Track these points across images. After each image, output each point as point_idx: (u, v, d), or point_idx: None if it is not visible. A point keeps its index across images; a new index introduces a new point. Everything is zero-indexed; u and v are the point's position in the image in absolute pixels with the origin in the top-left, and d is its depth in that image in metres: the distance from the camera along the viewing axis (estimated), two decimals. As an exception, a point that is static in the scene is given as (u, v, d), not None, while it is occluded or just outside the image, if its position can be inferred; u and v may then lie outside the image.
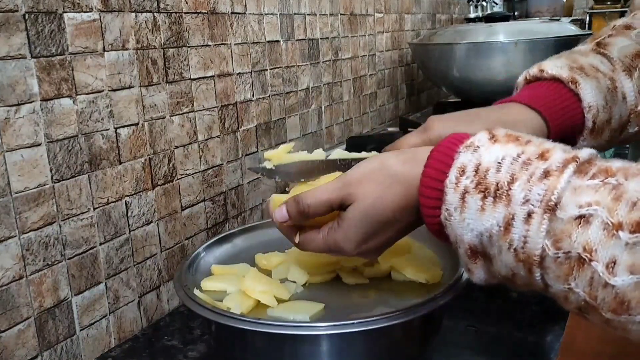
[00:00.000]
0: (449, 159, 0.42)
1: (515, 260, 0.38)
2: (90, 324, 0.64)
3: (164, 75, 0.72)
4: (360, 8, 1.27)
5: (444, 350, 0.60)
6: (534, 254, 0.37)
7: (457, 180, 0.41)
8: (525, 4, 2.28)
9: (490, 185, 0.39)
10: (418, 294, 0.56)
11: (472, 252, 0.41)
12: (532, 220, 0.36)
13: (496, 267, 0.40)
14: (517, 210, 0.37)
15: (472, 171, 0.40)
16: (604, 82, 0.57)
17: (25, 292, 0.56)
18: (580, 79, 0.56)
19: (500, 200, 0.38)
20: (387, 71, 1.47)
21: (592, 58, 0.59)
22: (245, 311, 0.55)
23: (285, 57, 0.99)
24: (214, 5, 0.80)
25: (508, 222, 0.38)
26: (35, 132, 0.56)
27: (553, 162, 0.38)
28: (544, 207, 0.36)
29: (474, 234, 0.40)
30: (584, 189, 0.36)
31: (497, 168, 0.39)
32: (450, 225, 0.42)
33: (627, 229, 0.33)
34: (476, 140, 0.42)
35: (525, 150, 0.40)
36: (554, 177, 0.37)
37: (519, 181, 0.38)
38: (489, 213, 0.39)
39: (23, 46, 0.55)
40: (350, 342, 0.51)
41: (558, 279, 0.36)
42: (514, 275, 0.39)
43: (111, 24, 0.64)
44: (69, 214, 0.60)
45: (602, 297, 0.34)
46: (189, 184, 0.78)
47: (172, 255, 0.75)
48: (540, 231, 0.36)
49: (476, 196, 0.39)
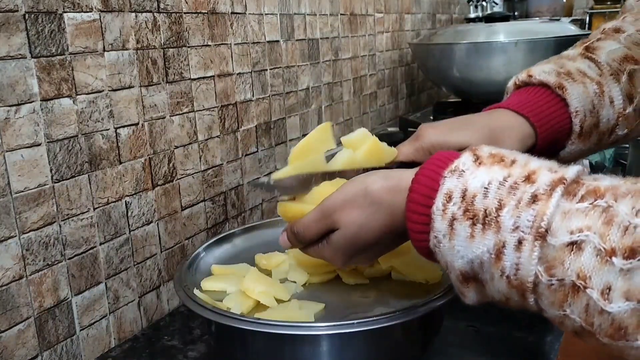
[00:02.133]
0: (434, 183, 0.42)
1: (508, 287, 0.38)
2: (90, 324, 0.64)
3: (164, 75, 0.72)
4: (360, 8, 1.27)
5: (444, 350, 0.60)
6: (527, 281, 0.36)
7: (444, 207, 0.40)
8: (525, 4, 2.28)
9: (478, 211, 0.38)
10: (418, 294, 0.56)
11: (463, 278, 0.41)
12: (523, 247, 0.36)
13: (489, 292, 0.40)
14: (507, 238, 0.37)
15: (459, 197, 0.40)
16: (591, 87, 0.57)
17: (25, 292, 0.56)
18: (567, 84, 0.57)
19: (489, 227, 0.38)
20: (387, 71, 1.47)
21: (579, 63, 0.59)
22: (245, 311, 0.55)
23: (285, 57, 0.99)
24: (214, 5, 0.80)
25: (499, 249, 0.37)
26: (35, 132, 0.56)
27: (540, 185, 0.37)
28: (534, 233, 0.36)
29: (465, 260, 0.40)
30: (574, 212, 0.35)
31: (484, 194, 0.39)
32: (440, 252, 0.41)
33: (620, 255, 0.33)
34: (460, 164, 0.41)
35: (511, 172, 0.39)
36: (542, 202, 0.36)
37: (507, 207, 0.37)
38: (478, 240, 0.38)
39: (23, 46, 0.55)
40: (350, 342, 0.51)
41: (552, 305, 0.36)
42: (508, 300, 0.39)
43: (111, 24, 0.64)
44: (69, 214, 0.60)
45: (598, 323, 0.34)
46: (189, 184, 0.78)
47: (172, 255, 0.75)
48: (532, 258, 0.36)
49: (464, 223, 0.39)
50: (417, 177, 0.43)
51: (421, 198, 0.42)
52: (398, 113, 1.56)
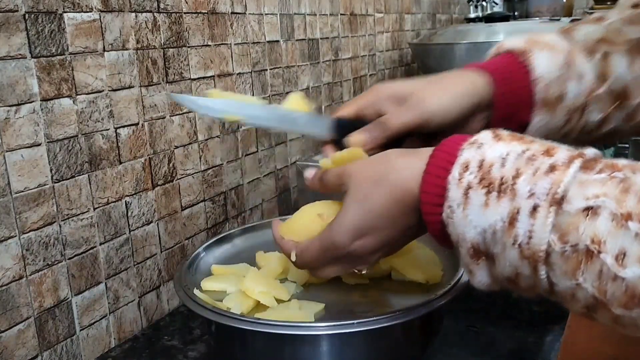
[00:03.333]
0: (451, 157, 0.42)
1: (519, 257, 0.37)
2: (90, 324, 0.64)
3: (164, 75, 0.72)
4: (360, 8, 1.27)
5: (444, 350, 0.60)
6: (539, 249, 0.36)
7: (460, 176, 0.40)
8: (525, 4, 2.28)
9: (494, 180, 0.38)
10: (418, 294, 0.56)
11: (474, 252, 0.41)
12: (538, 214, 0.36)
13: (499, 268, 0.40)
14: (522, 204, 0.36)
15: (476, 167, 0.39)
16: (558, 57, 0.55)
17: (25, 292, 0.56)
18: (533, 49, 0.56)
19: (504, 194, 0.37)
20: (387, 71, 1.47)
21: (552, 36, 0.58)
22: (245, 311, 0.55)
23: (285, 57, 0.99)
24: (214, 5, 0.80)
25: (513, 216, 0.37)
26: (35, 132, 0.56)
27: (559, 157, 0.37)
28: (549, 200, 0.35)
29: (477, 230, 0.39)
30: (591, 182, 0.35)
31: (501, 163, 0.39)
32: (453, 223, 0.41)
33: (636, 220, 0.32)
34: (480, 138, 0.41)
35: (530, 147, 0.39)
36: (559, 171, 0.36)
37: (524, 175, 0.37)
38: (493, 208, 0.38)
39: (23, 46, 0.55)
40: (350, 342, 0.51)
41: (565, 275, 0.35)
42: (518, 276, 0.39)
43: (111, 24, 0.64)
44: (69, 214, 0.60)
45: (611, 291, 0.33)
46: (189, 184, 0.78)
47: (172, 255, 0.75)
48: (546, 225, 0.35)
49: (480, 191, 0.39)
50: (435, 152, 0.43)
51: (437, 170, 0.42)
52: (398, 113, 1.55)
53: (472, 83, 0.55)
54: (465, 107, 0.54)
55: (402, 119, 0.53)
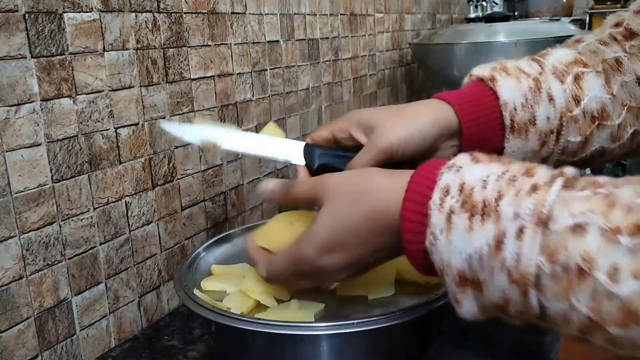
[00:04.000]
0: (430, 181, 0.41)
1: (508, 281, 0.36)
2: (90, 324, 0.64)
3: (164, 75, 0.72)
4: (360, 8, 1.27)
5: (444, 350, 0.60)
6: (528, 272, 0.35)
7: (441, 200, 0.39)
8: (525, 4, 2.28)
9: (477, 203, 0.38)
10: (418, 294, 0.56)
11: (460, 279, 0.39)
12: (524, 235, 0.35)
13: (487, 295, 0.38)
14: (507, 226, 0.36)
15: (457, 190, 0.39)
16: (525, 82, 0.55)
17: (25, 292, 0.56)
18: (499, 77, 0.56)
19: (488, 217, 0.37)
20: (387, 71, 1.47)
21: (521, 62, 0.58)
22: (245, 311, 0.55)
23: (285, 57, 0.99)
24: (214, 5, 0.80)
25: (499, 239, 0.36)
26: (35, 132, 0.56)
27: (540, 177, 0.37)
28: (535, 220, 0.35)
29: (463, 257, 0.38)
30: (575, 199, 0.35)
31: (482, 186, 0.38)
32: (436, 250, 0.40)
33: (626, 233, 0.32)
34: (457, 161, 0.41)
35: (509, 168, 0.39)
36: (542, 191, 0.35)
37: (506, 197, 0.37)
38: (477, 232, 0.37)
39: (23, 46, 0.55)
40: (350, 342, 0.51)
41: (557, 297, 0.34)
42: (507, 302, 0.38)
43: (111, 24, 0.64)
44: (69, 214, 0.60)
45: (606, 310, 0.32)
46: (189, 184, 0.78)
47: (172, 255, 0.75)
48: (533, 246, 0.34)
49: (463, 215, 0.38)
50: (414, 177, 0.43)
51: (417, 196, 0.41)
52: (398, 113, 1.55)
53: (436, 112, 0.56)
54: (430, 135, 0.55)
55: (366, 156, 0.54)
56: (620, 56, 0.57)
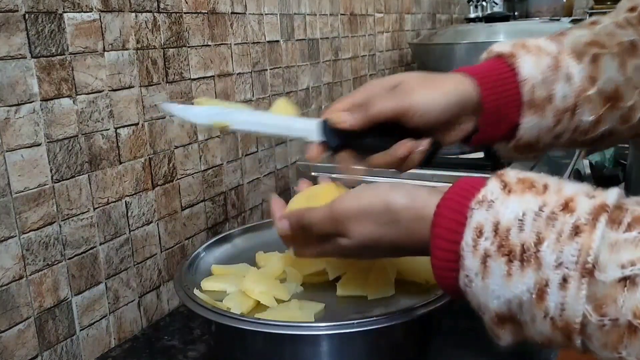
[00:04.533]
0: (460, 216, 0.39)
1: (551, 328, 0.35)
2: (90, 324, 0.64)
3: (164, 75, 0.72)
4: (360, 8, 1.27)
5: (444, 350, 0.60)
6: (574, 322, 0.33)
7: (474, 242, 0.37)
8: (525, 4, 2.28)
9: (514, 247, 0.35)
10: (418, 294, 0.56)
11: (499, 319, 0.38)
12: (569, 285, 0.33)
13: (529, 334, 0.38)
14: (550, 276, 0.34)
15: (491, 231, 0.37)
16: (544, 60, 0.56)
17: (25, 292, 0.56)
18: (519, 53, 0.56)
19: (528, 264, 0.35)
20: (387, 71, 1.47)
21: (540, 40, 0.58)
22: (245, 311, 0.55)
23: (285, 57, 0.99)
24: (214, 5, 0.80)
25: (541, 288, 0.34)
26: (35, 132, 0.56)
27: (581, 213, 0.34)
28: (580, 270, 0.33)
29: (501, 301, 0.37)
30: (622, 244, 0.32)
31: (519, 227, 0.36)
32: (472, 292, 0.39)
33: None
34: (489, 194, 0.38)
35: (545, 201, 0.36)
36: (585, 234, 0.33)
37: (547, 241, 0.34)
38: (517, 279, 0.35)
39: (23, 46, 0.55)
40: (350, 342, 0.51)
41: (605, 347, 0.33)
42: (550, 341, 0.36)
43: (111, 24, 0.64)
44: (69, 214, 0.60)
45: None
46: (189, 184, 0.78)
47: (172, 255, 0.75)
48: (579, 297, 0.33)
49: (499, 260, 0.36)
50: (440, 210, 0.41)
51: (447, 233, 0.39)
52: (398, 113, 1.56)
53: (460, 83, 0.55)
54: (450, 104, 0.54)
55: (385, 104, 0.53)
56: (635, 39, 0.57)
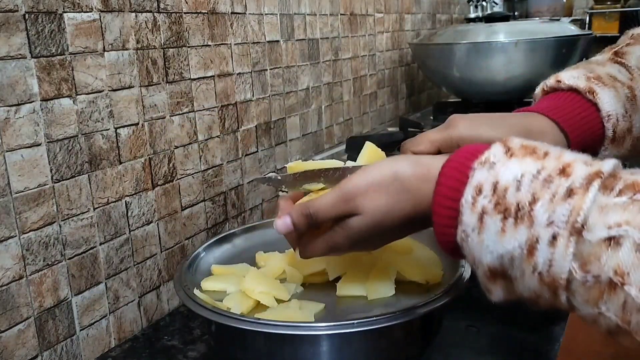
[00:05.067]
0: (462, 175, 0.40)
1: (539, 284, 0.37)
2: (90, 324, 0.64)
3: (164, 75, 0.72)
4: (360, 8, 1.27)
5: (444, 350, 0.60)
6: (560, 278, 0.35)
7: (473, 200, 0.39)
8: (525, 4, 2.28)
9: (510, 205, 0.37)
10: (418, 294, 0.56)
11: (491, 274, 0.40)
12: (558, 243, 0.35)
13: (518, 289, 0.39)
14: (540, 233, 0.36)
15: (490, 190, 0.38)
16: (622, 91, 0.56)
17: (25, 292, 0.56)
18: (597, 88, 0.56)
19: (522, 221, 0.36)
20: (387, 71, 1.47)
21: (609, 67, 0.58)
22: (245, 311, 0.55)
23: (285, 57, 0.99)
24: (214, 5, 0.80)
25: (531, 245, 0.36)
26: (35, 132, 0.56)
27: (576, 178, 0.36)
28: (569, 229, 0.34)
29: (494, 256, 0.38)
30: (612, 207, 0.34)
31: (516, 187, 0.37)
32: (468, 247, 0.40)
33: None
34: (491, 156, 0.40)
35: (544, 165, 0.38)
36: (578, 196, 0.35)
37: (541, 201, 0.36)
38: (510, 235, 0.37)
39: (23, 46, 0.55)
40: (350, 342, 0.51)
41: (586, 303, 0.35)
42: (538, 297, 0.38)
43: (111, 24, 0.64)
44: (69, 214, 0.60)
45: (636, 320, 0.33)
46: (189, 184, 0.78)
47: (172, 255, 0.75)
48: (566, 254, 0.34)
49: (495, 217, 0.38)
50: (445, 170, 0.42)
51: (449, 191, 0.41)
52: (398, 113, 1.56)
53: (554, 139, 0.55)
54: None
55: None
56: None
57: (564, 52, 1.29)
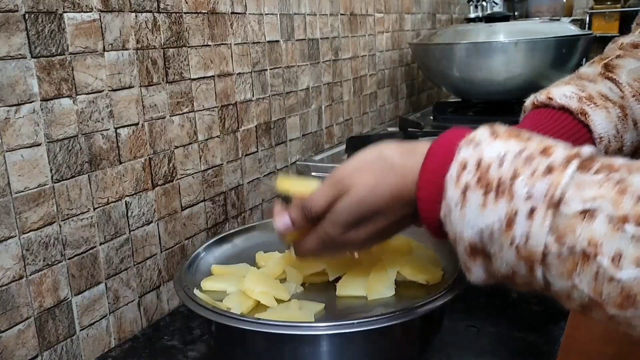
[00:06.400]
0: (449, 153, 0.42)
1: (516, 257, 0.38)
2: (90, 324, 0.64)
3: (164, 75, 0.72)
4: (360, 8, 1.27)
5: (444, 350, 0.60)
6: (536, 251, 0.36)
7: (458, 175, 0.40)
8: (525, 4, 2.28)
9: (492, 180, 0.39)
10: (418, 294, 0.56)
11: (471, 250, 0.41)
12: (535, 216, 0.36)
13: (496, 266, 0.40)
14: (519, 206, 0.37)
15: (474, 166, 0.40)
16: (613, 112, 0.56)
17: (25, 292, 0.56)
18: (589, 110, 0.56)
19: (502, 195, 0.38)
20: (387, 71, 1.47)
21: (600, 85, 0.58)
22: (245, 311, 0.55)
23: (285, 57, 0.99)
24: (214, 5, 0.80)
25: (510, 218, 0.37)
26: (35, 132, 0.56)
27: (556, 157, 0.37)
28: (547, 202, 0.36)
29: (475, 230, 0.40)
30: (588, 183, 0.35)
31: (499, 163, 0.39)
32: (450, 222, 0.41)
33: (633, 222, 0.33)
34: (477, 136, 0.42)
35: (527, 146, 0.39)
36: (557, 173, 0.36)
37: (521, 176, 0.37)
38: (490, 209, 0.38)
39: (23, 46, 0.55)
40: (350, 342, 0.51)
41: (561, 276, 0.36)
42: (514, 274, 0.39)
43: (111, 24, 0.64)
44: (69, 214, 0.60)
45: (607, 292, 0.34)
46: (189, 184, 0.78)
47: (172, 255, 0.75)
48: (543, 227, 0.36)
49: (478, 192, 0.39)
50: (432, 149, 0.44)
51: (435, 167, 0.43)
52: (398, 113, 1.56)
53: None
54: None
55: None
56: None
57: (564, 52, 1.29)
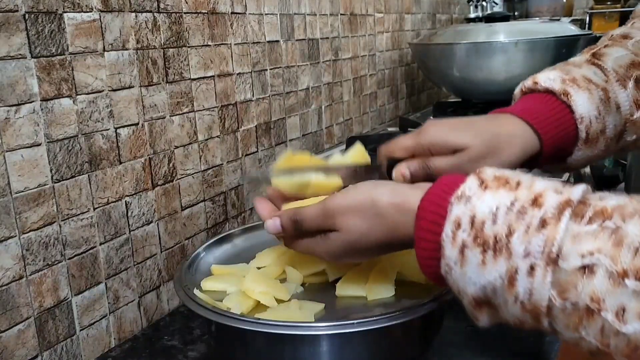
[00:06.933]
0: (441, 209, 0.42)
1: (522, 311, 0.38)
2: (90, 324, 0.64)
3: (164, 75, 0.72)
4: (360, 8, 1.27)
5: (444, 350, 0.60)
6: (540, 305, 0.37)
7: (453, 234, 0.41)
8: (525, 4, 2.28)
9: (488, 238, 0.39)
10: (418, 294, 0.56)
11: (476, 303, 0.42)
12: (536, 273, 0.36)
13: (503, 315, 0.41)
14: (519, 264, 0.37)
15: (468, 224, 0.40)
16: (596, 93, 0.57)
17: (25, 292, 0.56)
18: (572, 90, 0.57)
19: (500, 253, 0.38)
20: (387, 71, 1.47)
21: (585, 69, 0.59)
22: (245, 311, 0.55)
23: (285, 57, 0.99)
24: (214, 5, 0.80)
25: (511, 275, 0.38)
26: (35, 132, 0.56)
27: (548, 208, 0.38)
28: (545, 259, 0.36)
29: (477, 286, 0.40)
30: (583, 235, 0.36)
31: (492, 220, 0.39)
32: (452, 279, 0.42)
33: (632, 277, 0.33)
34: (466, 189, 0.42)
35: (517, 196, 0.39)
36: (551, 226, 0.37)
37: (517, 233, 0.38)
38: (490, 267, 0.39)
39: (23, 46, 0.55)
40: (350, 342, 0.51)
41: (567, 328, 0.37)
42: (522, 323, 0.40)
43: (111, 24, 0.64)
44: (69, 214, 0.60)
45: (614, 344, 0.34)
46: (189, 184, 0.78)
47: (172, 255, 0.75)
48: (545, 284, 0.36)
49: (475, 250, 0.39)
50: (424, 204, 0.44)
51: (430, 225, 0.43)
52: (398, 113, 1.56)
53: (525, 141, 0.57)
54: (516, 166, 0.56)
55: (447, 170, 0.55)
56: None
57: (564, 52, 1.29)
